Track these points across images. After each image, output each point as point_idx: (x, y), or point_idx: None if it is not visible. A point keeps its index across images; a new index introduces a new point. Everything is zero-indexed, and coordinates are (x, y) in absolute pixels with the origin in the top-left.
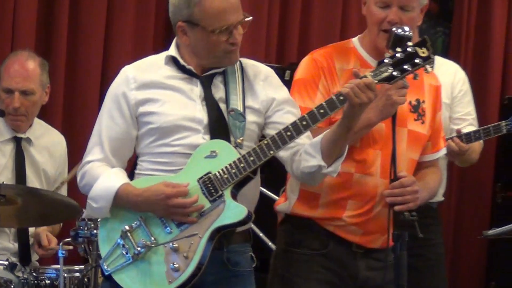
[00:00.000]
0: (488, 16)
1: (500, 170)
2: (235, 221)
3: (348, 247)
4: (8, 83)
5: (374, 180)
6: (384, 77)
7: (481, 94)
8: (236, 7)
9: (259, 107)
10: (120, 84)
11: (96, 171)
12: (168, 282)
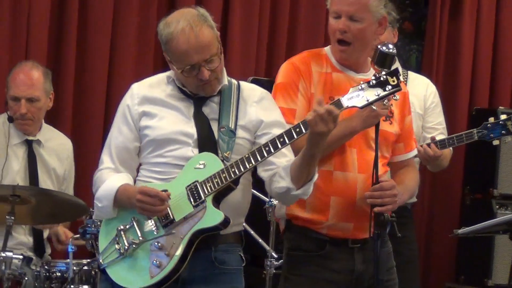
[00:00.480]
0: (458, 35)
1: (468, 174)
2: (212, 225)
3: (345, 245)
4: (15, 91)
5: (353, 176)
6: (356, 103)
7: (452, 105)
8: (199, 47)
9: (250, 126)
10: (126, 99)
11: (104, 176)
12: (150, 277)
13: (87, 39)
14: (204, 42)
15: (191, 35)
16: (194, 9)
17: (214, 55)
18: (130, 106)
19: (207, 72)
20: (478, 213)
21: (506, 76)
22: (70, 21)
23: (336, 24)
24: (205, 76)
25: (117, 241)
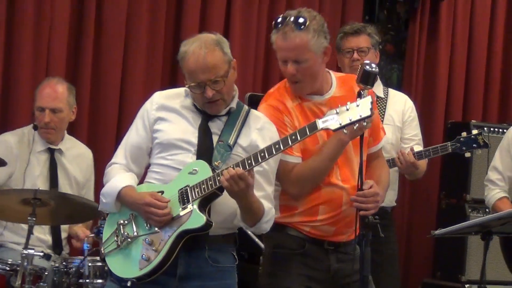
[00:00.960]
0: (434, 56)
1: (444, 181)
2: (195, 227)
3: (321, 246)
4: (41, 102)
5: (338, 188)
6: (329, 125)
7: (429, 119)
8: (205, 68)
9: (247, 148)
10: (147, 104)
11: (113, 172)
12: (139, 269)
13: (101, 58)
14: (210, 64)
15: (200, 56)
16: (213, 35)
17: (220, 77)
18: (148, 110)
19: (211, 91)
20: (453, 216)
21: (478, 93)
22: (86, 42)
23: (285, 68)
24: (208, 95)
25: (116, 234)
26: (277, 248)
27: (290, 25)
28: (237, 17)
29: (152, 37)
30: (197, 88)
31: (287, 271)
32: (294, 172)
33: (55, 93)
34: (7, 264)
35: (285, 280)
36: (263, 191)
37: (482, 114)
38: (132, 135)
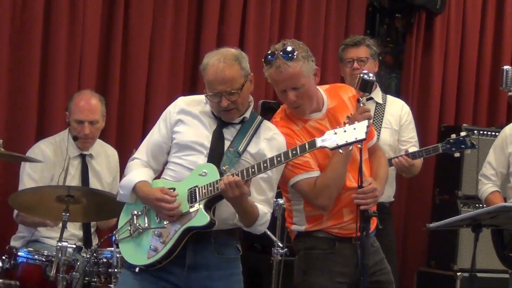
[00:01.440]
0: (429, 66)
1: (438, 179)
2: (199, 225)
3: (349, 242)
4: (79, 116)
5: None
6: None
7: (424, 123)
8: (222, 80)
9: (255, 155)
10: (170, 107)
11: (133, 167)
12: (147, 258)
13: (128, 69)
14: (227, 77)
15: (219, 69)
16: (234, 50)
17: (235, 89)
18: (171, 113)
19: (226, 101)
20: (446, 210)
21: (469, 99)
22: (114, 54)
23: (285, 97)
24: (223, 104)
25: (130, 223)
26: (310, 250)
27: (281, 58)
28: (250, 31)
29: (174, 49)
30: (214, 97)
31: (321, 269)
32: (318, 185)
33: (91, 106)
34: (43, 256)
35: (319, 277)
36: (264, 195)
37: (473, 118)
38: (155, 134)
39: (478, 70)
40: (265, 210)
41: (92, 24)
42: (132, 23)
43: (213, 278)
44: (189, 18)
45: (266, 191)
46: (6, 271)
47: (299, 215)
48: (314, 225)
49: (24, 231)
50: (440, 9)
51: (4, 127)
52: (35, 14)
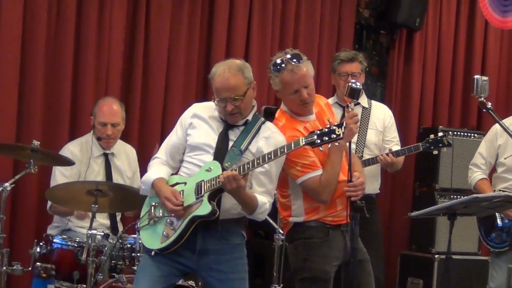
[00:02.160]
0: (409, 75)
1: (418, 173)
2: (203, 214)
3: (339, 230)
4: (102, 119)
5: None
6: (309, 141)
7: (405, 125)
8: (227, 88)
9: (255, 153)
10: (186, 112)
11: (153, 164)
12: (160, 242)
13: (148, 79)
14: (231, 85)
15: (224, 77)
16: (239, 61)
17: (239, 95)
18: (186, 117)
19: (231, 106)
20: (425, 201)
21: (444, 104)
22: (136, 67)
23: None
24: (228, 109)
25: (149, 213)
26: (308, 239)
27: (291, 62)
28: (254, 45)
29: (188, 60)
30: (220, 102)
31: (320, 255)
32: (323, 182)
33: (113, 111)
34: (76, 242)
35: (319, 262)
36: (264, 187)
37: (448, 120)
38: (172, 137)
39: (452, 79)
40: (264, 200)
41: (117, 40)
42: (151, 39)
43: (220, 261)
44: (200, 34)
45: (265, 183)
46: (43, 255)
47: (298, 208)
48: (312, 215)
49: (58, 221)
50: (419, 26)
51: (41, 130)
52: (67, 31)
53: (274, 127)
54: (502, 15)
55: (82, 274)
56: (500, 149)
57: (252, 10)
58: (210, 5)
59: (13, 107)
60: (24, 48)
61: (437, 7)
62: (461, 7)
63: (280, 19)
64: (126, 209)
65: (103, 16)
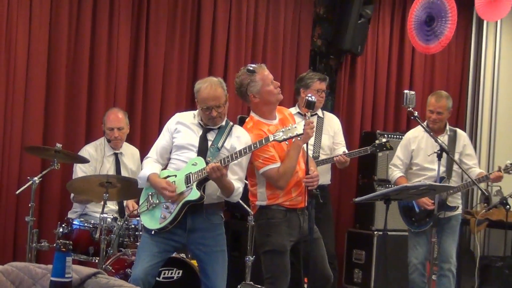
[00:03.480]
0: (353, 91)
1: (360, 167)
2: (193, 199)
3: (295, 212)
4: (110, 124)
5: (298, 173)
6: (277, 138)
7: (350, 130)
8: (213, 97)
9: (230, 149)
10: (171, 119)
11: (145, 163)
12: (159, 223)
13: (148, 91)
14: (216, 95)
15: (211, 90)
16: (216, 78)
17: (221, 104)
18: (172, 124)
19: (215, 112)
20: (366, 189)
21: (380, 113)
22: (138, 84)
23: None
24: (213, 114)
25: (147, 201)
26: (270, 219)
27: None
28: (231, 64)
29: (179, 78)
30: (206, 110)
31: (278, 232)
32: (280, 172)
33: (118, 118)
34: (91, 224)
35: (278, 238)
36: (237, 175)
37: (383, 126)
38: (161, 140)
39: (386, 93)
40: (238, 185)
41: (123, 62)
42: (149, 61)
43: (205, 237)
44: (189, 58)
45: (238, 172)
46: (65, 234)
47: (262, 194)
48: (274, 200)
49: (77, 207)
50: (360, 52)
51: (63, 134)
52: (83, 55)
53: (242, 129)
54: (426, 43)
55: (96, 249)
56: (413, 153)
57: (230, 38)
58: (196, 33)
59: (40, 116)
60: (49, 69)
61: (375, 37)
62: (393, 37)
63: (251, 45)
64: (130, 197)
65: (111, 43)
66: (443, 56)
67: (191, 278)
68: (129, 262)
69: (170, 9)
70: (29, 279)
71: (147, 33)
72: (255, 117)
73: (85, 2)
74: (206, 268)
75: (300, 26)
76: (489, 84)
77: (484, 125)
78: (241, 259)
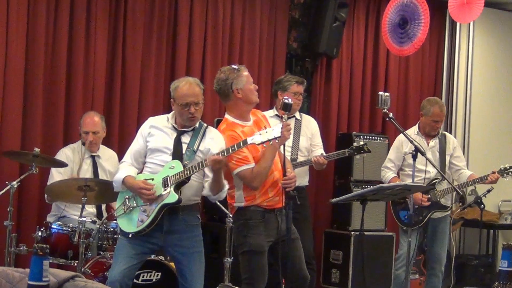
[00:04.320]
0: (328, 93)
1: (337, 169)
2: (171, 202)
3: (273, 213)
4: (86, 128)
5: (274, 173)
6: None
7: (326, 131)
8: (193, 94)
9: (204, 151)
10: (144, 123)
11: (122, 167)
12: (137, 226)
13: (126, 95)
14: (194, 92)
15: (191, 86)
16: (193, 78)
17: (199, 101)
18: (145, 128)
19: (193, 109)
20: (343, 190)
21: (356, 115)
22: (115, 87)
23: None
24: (191, 111)
25: (124, 204)
26: (248, 220)
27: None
28: (208, 68)
29: (156, 82)
30: (185, 106)
31: (256, 233)
32: (254, 172)
33: (94, 122)
34: (69, 227)
35: (256, 238)
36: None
37: (359, 127)
38: (135, 144)
39: (362, 95)
40: (225, 182)
41: (100, 67)
42: (127, 66)
43: (182, 239)
44: (166, 61)
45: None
46: (44, 238)
47: (240, 196)
48: (251, 201)
49: (56, 210)
50: (336, 55)
51: (40, 138)
52: (60, 62)
53: (215, 130)
54: (399, 46)
55: (75, 252)
56: (406, 155)
57: (206, 42)
58: (173, 38)
59: (18, 121)
60: (26, 74)
61: (349, 40)
62: (368, 39)
63: (228, 49)
64: (108, 200)
65: (88, 46)
66: (417, 58)
67: (170, 280)
68: (108, 265)
69: (147, 13)
70: (7, 283)
71: (124, 37)
72: (229, 119)
73: (62, 6)
74: (183, 270)
75: (276, 29)
76: (462, 85)
77: (458, 126)
78: (220, 261)
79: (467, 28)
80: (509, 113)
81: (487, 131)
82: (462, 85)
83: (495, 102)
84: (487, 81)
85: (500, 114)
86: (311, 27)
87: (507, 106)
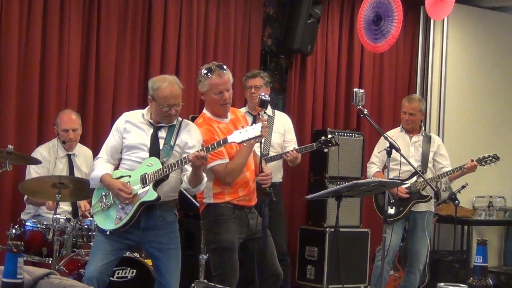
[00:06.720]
0: (303, 90)
1: (312, 165)
2: (150, 199)
3: (243, 210)
4: (65, 126)
5: (246, 173)
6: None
7: (301, 128)
8: (173, 96)
9: (181, 145)
10: (119, 119)
11: (98, 163)
12: (114, 224)
13: (99, 94)
14: (176, 94)
15: (172, 88)
16: (172, 77)
17: (180, 102)
18: (120, 123)
19: (174, 110)
20: (318, 186)
21: (331, 111)
22: (89, 85)
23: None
24: (172, 113)
25: (101, 201)
26: (219, 216)
27: (218, 69)
28: (183, 64)
29: (131, 79)
30: (166, 107)
31: (227, 229)
32: (228, 168)
33: (72, 119)
34: (44, 225)
35: (227, 235)
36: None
37: (334, 124)
38: (111, 140)
39: (336, 91)
40: (204, 174)
41: (74, 64)
42: (101, 63)
43: (159, 235)
44: (140, 57)
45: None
46: (18, 235)
47: (208, 192)
48: (219, 199)
49: (30, 208)
50: (310, 52)
51: (14, 136)
52: (34, 59)
53: (191, 123)
54: (374, 42)
55: (49, 250)
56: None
57: (180, 38)
58: (147, 34)
59: None
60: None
61: (324, 36)
62: (343, 36)
63: (202, 45)
64: (83, 198)
65: (62, 43)
66: (392, 55)
67: (145, 277)
68: (82, 262)
69: (121, 10)
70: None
71: (98, 33)
72: (206, 114)
73: (35, 3)
74: (159, 266)
75: (250, 26)
76: (436, 81)
77: (433, 121)
78: (195, 258)
79: (441, 25)
80: (482, 108)
81: (461, 127)
82: (436, 81)
83: (468, 97)
84: (461, 77)
85: (474, 110)
86: (286, 24)
87: (481, 101)
